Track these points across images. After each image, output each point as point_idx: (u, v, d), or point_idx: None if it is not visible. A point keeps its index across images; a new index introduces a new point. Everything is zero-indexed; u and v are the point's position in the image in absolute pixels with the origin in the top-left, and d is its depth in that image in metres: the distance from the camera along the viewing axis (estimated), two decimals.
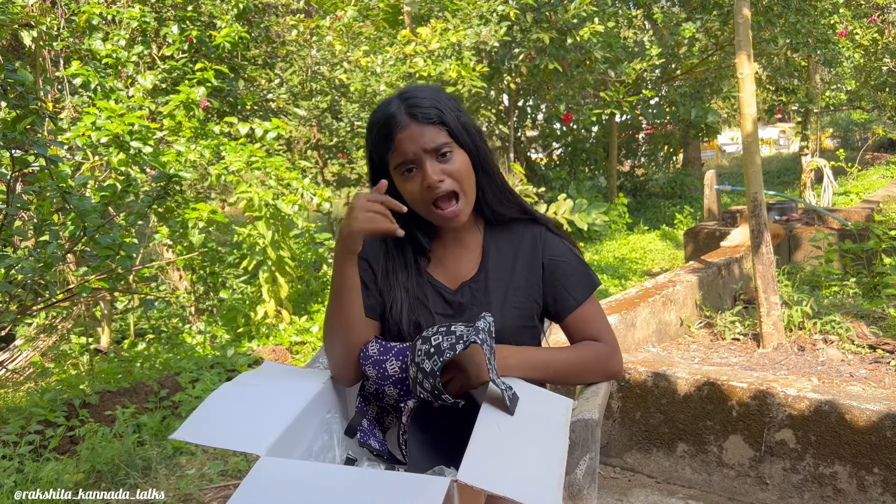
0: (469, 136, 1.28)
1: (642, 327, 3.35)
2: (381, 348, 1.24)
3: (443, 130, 1.25)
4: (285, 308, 5.21)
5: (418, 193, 1.26)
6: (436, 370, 1.09)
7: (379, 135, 1.27)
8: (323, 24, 7.71)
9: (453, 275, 1.36)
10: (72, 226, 3.43)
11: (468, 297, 1.33)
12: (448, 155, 1.25)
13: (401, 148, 1.24)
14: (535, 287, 1.35)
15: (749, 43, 3.31)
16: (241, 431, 1.08)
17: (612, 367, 1.35)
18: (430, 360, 1.11)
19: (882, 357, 3.07)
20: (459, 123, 1.27)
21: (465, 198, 1.28)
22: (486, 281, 1.34)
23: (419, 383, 1.12)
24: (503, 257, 1.36)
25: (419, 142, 1.23)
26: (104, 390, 3.32)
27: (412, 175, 1.26)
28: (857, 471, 2.18)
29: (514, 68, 7.53)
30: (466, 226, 1.36)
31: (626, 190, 11.75)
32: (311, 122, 7.98)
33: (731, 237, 5.07)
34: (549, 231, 1.39)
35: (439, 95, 1.28)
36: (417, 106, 1.24)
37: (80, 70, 5.21)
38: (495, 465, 0.97)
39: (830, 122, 18.83)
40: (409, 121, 1.24)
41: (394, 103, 1.27)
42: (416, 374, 1.13)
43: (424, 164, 1.24)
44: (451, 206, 1.27)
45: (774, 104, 9.45)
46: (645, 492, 2.49)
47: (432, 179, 1.23)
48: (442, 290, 1.35)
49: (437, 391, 1.10)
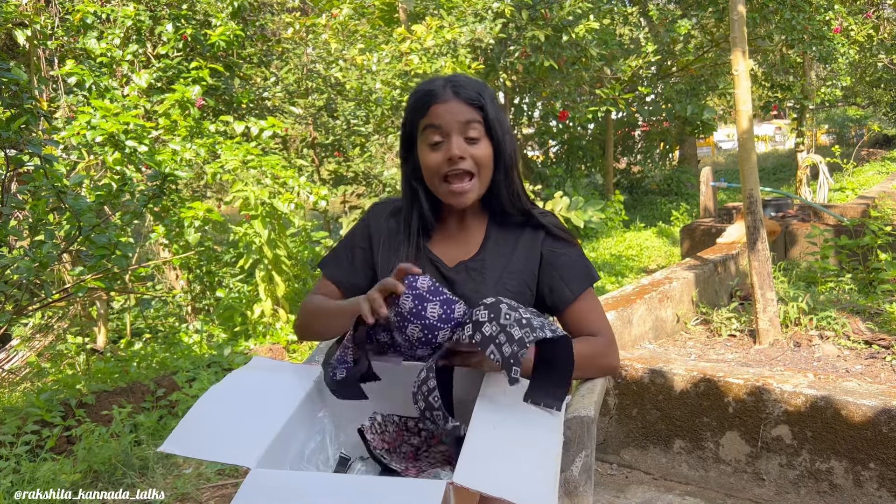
0: (502, 131, 1.33)
1: (639, 324, 3.36)
2: (432, 287, 1.17)
3: (479, 115, 1.30)
4: (282, 307, 5.20)
5: (437, 164, 1.30)
6: (526, 342, 1.06)
7: (417, 103, 1.33)
8: (318, 22, 7.69)
9: (453, 254, 1.40)
10: (67, 225, 3.41)
11: (463, 275, 1.36)
12: (476, 139, 1.30)
13: (435, 115, 1.30)
14: (530, 274, 1.37)
15: (744, 39, 3.31)
16: (231, 441, 1.06)
17: (609, 361, 1.36)
18: (522, 330, 1.07)
19: (878, 353, 3.08)
20: (496, 118, 1.33)
21: (478, 182, 1.33)
22: (484, 262, 1.37)
23: (497, 344, 1.07)
24: (504, 243, 1.39)
25: (454, 115, 1.29)
26: (101, 390, 3.31)
27: (437, 146, 1.31)
28: (853, 466, 2.19)
29: (510, 66, 7.52)
30: (472, 213, 1.41)
31: (623, 187, 11.77)
32: (307, 120, 7.96)
33: (728, 234, 5.07)
34: (550, 235, 1.40)
35: (485, 88, 1.35)
36: (462, 86, 1.31)
37: (74, 69, 5.19)
38: (490, 465, 0.97)
39: (826, 119, 18.86)
40: (451, 95, 1.30)
41: (439, 81, 1.34)
42: (495, 334, 1.08)
43: (452, 137, 1.29)
44: (462, 183, 1.31)
45: (770, 101, 9.45)
46: (642, 488, 2.49)
47: (455, 153, 1.28)
48: (439, 265, 1.38)
49: (515, 361, 1.05)
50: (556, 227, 1.40)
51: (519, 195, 1.39)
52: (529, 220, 1.40)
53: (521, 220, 1.40)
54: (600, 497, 2.43)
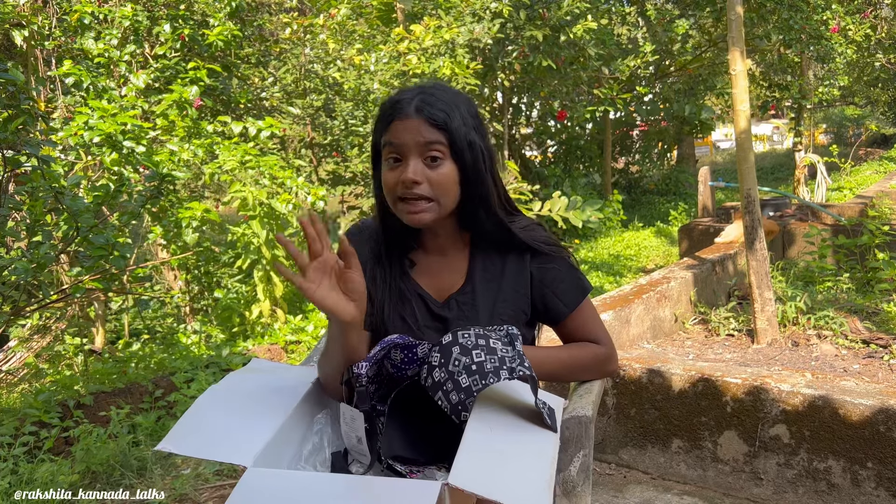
0: (471, 153, 1.22)
1: (637, 324, 3.36)
2: (407, 355, 1.19)
3: (442, 136, 1.20)
4: (280, 307, 5.20)
5: (392, 185, 1.22)
6: (474, 390, 1.06)
7: (381, 115, 1.26)
8: (316, 23, 7.69)
9: (439, 285, 1.33)
10: (65, 226, 3.41)
11: (455, 311, 1.30)
12: (437, 161, 1.21)
13: (394, 133, 1.21)
14: (522, 297, 1.32)
15: (742, 39, 3.31)
16: (228, 440, 1.06)
17: (608, 367, 1.35)
18: (471, 378, 1.06)
19: (875, 352, 3.09)
20: (465, 138, 1.21)
21: (437, 208, 1.23)
22: (474, 294, 1.31)
23: (445, 391, 1.08)
24: (490, 268, 1.33)
25: (414, 135, 1.19)
26: (99, 391, 3.31)
27: (395, 165, 1.22)
28: (850, 465, 2.19)
29: (508, 66, 7.53)
30: (448, 234, 1.33)
31: (621, 187, 11.77)
32: (304, 120, 7.96)
33: (726, 233, 5.08)
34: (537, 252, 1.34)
35: (458, 103, 1.24)
36: (428, 104, 1.20)
37: (72, 69, 5.19)
38: (486, 467, 0.97)
39: (824, 118, 18.90)
40: (413, 112, 1.20)
41: (410, 93, 1.24)
42: (443, 381, 1.08)
43: (409, 159, 1.20)
44: (416, 207, 1.22)
45: (768, 100, 9.46)
46: (640, 488, 2.49)
47: (408, 177, 1.19)
48: (429, 301, 1.32)
49: (463, 408, 1.06)
50: (541, 241, 1.33)
51: (496, 214, 1.28)
52: (513, 239, 1.31)
53: (505, 237, 1.31)
54: (598, 497, 2.44)
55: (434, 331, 1.29)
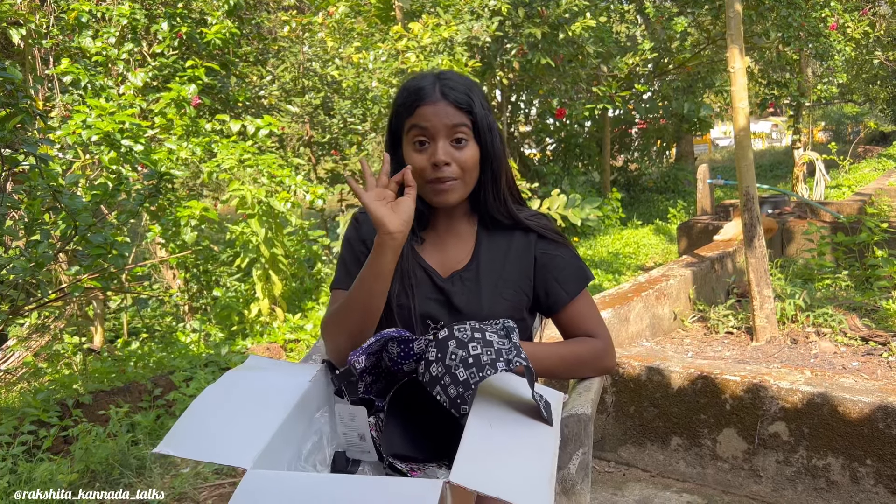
0: (490, 135, 1.30)
1: (636, 322, 3.36)
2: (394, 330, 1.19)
3: (467, 119, 1.27)
4: (279, 306, 5.20)
5: (422, 166, 1.28)
6: (471, 383, 1.06)
7: (405, 101, 1.30)
8: (315, 21, 7.68)
9: (445, 262, 1.37)
10: (63, 225, 3.40)
11: (458, 286, 1.33)
12: (463, 143, 1.28)
13: (422, 116, 1.27)
14: (525, 280, 1.35)
15: (741, 37, 3.31)
16: (227, 441, 1.05)
17: (606, 363, 1.35)
18: (468, 371, 1.07)
19: (874, 349, 3.09)
20: (485, 120, 1.30)
21: (463, 187, 1.30)
22: (478, 271, 1.34)
23: (443, 385, 1.08)
24: (496, 248, 1.37)
25: (442, 118, 1.26)
26: (97, 390, 3.31)
27: (422, 147, 1.28)
28: (849, 463, 2.19)
29: (507, 63, 7.52)
30: (460, 215, 1.38)
31: (620, 185, 11.76)
32: (303, 118, 7.96)
33: (724, 231, 5.08)
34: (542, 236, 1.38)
35: (475, 88, 1.31)
36: (452, 88, 1.27)
37: (69, 68, 5.18)
38: (487, 464, 0.97)
39: (822, 116, 18.91)
40: (439, 96, 1.27)
41: (429, 78, 1.30)
42: (441, 375, 1.09)
43: (438, 140, 1.26)
44: (445, 187, 1.28)
45: (766, 98, 9.46)
46: (639, 485, 2.49)
47: (440, 158, 1.26)
48: (433, 274, 1.35)
49: (462, 401, 1.06)
50: (546, 228, 1.38)
51: (505, 200, 1.36)
52: (519, 224, 1.38)
53: (511, 223, 1.38)
54: (598, 495, 2.44)
55: (435, 302, 1.33)
